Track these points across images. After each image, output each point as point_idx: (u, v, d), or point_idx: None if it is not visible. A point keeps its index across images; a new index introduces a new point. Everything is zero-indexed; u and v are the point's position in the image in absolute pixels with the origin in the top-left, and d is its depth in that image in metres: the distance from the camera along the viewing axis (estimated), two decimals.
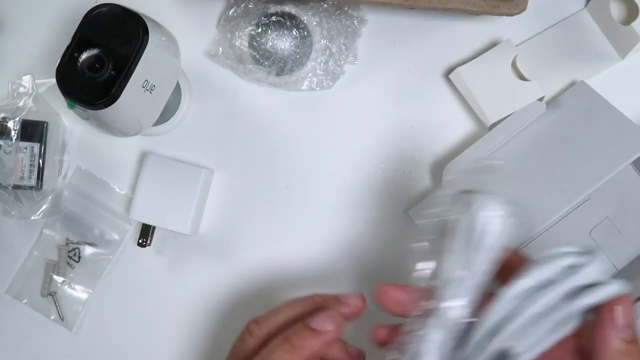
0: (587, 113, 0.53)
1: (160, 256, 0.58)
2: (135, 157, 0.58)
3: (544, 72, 0.56)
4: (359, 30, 0.57)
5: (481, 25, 0.58)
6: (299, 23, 0.56)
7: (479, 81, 0.55)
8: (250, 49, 0.56)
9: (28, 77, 0.57)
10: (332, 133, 0.58)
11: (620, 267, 0.52)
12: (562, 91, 0.56)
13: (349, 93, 0.58)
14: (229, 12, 0.57)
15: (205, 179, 0.55)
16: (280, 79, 0.57)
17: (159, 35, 0.45)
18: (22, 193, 0.56)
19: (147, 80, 0.45)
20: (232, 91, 0.58)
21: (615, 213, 0.52)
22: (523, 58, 0.56)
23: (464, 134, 0.57)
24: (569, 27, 0.57)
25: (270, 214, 0.57)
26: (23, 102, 0.56)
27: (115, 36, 0.43)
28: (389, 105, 0.58)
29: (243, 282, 0.57)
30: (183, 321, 0.57)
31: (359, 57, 0.58)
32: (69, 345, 0.57)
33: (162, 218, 0.54)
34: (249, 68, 0.56)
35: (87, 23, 0.43)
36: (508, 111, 0.54)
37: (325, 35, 0.56)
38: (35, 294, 0.57)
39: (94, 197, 0.58)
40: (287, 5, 0.56)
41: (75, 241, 0.58)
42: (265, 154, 0.58)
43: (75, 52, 0.43)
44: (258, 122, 0.58)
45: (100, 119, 0.45)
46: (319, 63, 0.57)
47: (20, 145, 0.55)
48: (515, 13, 0.51)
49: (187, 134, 0.58)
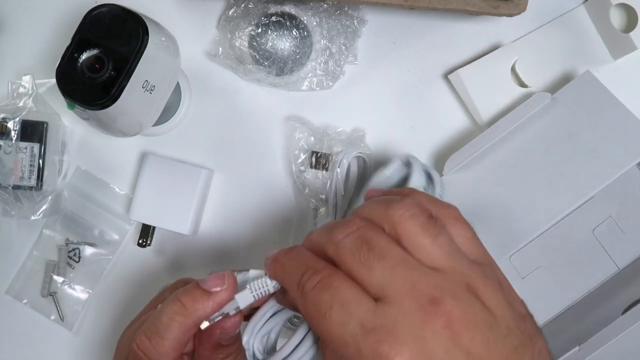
0: (592, 106, 0.52)
1: (160, 256, 0.58)
2: (135, 157, 0.58)
3: (538, 69, 0.56)
4: (359, 31, 0.57)
5: (481, 26, 0.58)
6: (299, 23, 0.56)
7: (478, 84, 0.55)
8: (250, 49, 0.56)
9: (28, 77, 0.57)
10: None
11: (623, 266, 0.52)
12: (555, 88, 0.55)
13: (349, 93, 0.58)
14: (229, 12, 0.57)
15: (205, 179, 0.55)
16: (280, 79, 0.57)
17: (159, 35, 0.45)
18: (22, 193, 0.56)
19: (147, 81, 0.45)
20: (232, 91, 0.58)
21: (618, 212, 0.52)
22: (522, 61, 0.56)
23: (464, 134, 0.57)
24: (564, 25, 0.57)
25: (270, 214, 0.57)
26: (23, 103, 0.56)
27: (115, 36, 0.43)
28: (389, 105, 0.58)
29: None
30: None
31: (359, 57, 0.58)
32: (69, 345, 0.57)
33: (162, 218, 0.54)
34: (249, 68, 0.56)
35: (87, 23, 0.43)
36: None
37: (325, 35, 0.56)
38: (35, 294, 0.57)
39: (94, 197, 0.58)
40: (287, 6, 0.56)
41: (75, 241, 0.58)
42: (265, 154, 0.58)
43: (75, 53, 0.43)
44: (258, 122, 0.58)
45: (100, 119, 0.45)
46: (319, 63, 0.57)
47: (20, 146, 0.55)
48: (515, 14, 0.51)
49: (187, 134, 0.58)
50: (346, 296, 0.30)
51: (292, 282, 0.32)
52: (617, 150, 0.50)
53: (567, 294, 0.52)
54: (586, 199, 0.49)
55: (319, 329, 0.30)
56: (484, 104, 0.55)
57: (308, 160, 0.55)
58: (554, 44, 0.57)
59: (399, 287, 0.30)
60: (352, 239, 0.31)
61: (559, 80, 0.57)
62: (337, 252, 0.32)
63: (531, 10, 0.51)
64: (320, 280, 0.31)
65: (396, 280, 0.30)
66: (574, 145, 0.51)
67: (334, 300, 0.30)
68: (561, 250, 0.52)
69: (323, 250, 0.33)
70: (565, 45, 0.57)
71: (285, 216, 0.57)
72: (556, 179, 0.50)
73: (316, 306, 0.30)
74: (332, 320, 0.30)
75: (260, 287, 0.35)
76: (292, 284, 0.32)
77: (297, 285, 0.32)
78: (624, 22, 0.57)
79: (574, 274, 0.52)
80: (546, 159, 0.51)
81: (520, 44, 0.57)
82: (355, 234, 0.32)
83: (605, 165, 0.49)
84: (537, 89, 0.56)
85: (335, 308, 0.30)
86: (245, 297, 0.35)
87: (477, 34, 0.58)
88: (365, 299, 0.30)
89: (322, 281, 0.31)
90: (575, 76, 0.55)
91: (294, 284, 0.32)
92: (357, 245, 0.31)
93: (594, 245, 0.52)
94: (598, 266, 0.52)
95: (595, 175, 0.49)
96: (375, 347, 0.28)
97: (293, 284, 0.32)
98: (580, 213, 0.51)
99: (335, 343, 0.30)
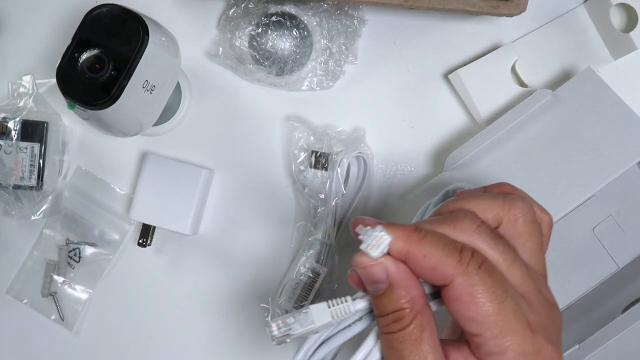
0: (593, 103, 0.51)
1: (160, 256, 0.58)
2: (135, 157, 0.58)
3: (538, 69, 0.56)
4: (359, 30, 0.57)
5: (481, 26, 0.58)
6: (299, 23, 0.56)
7: (478, 84, 0.55)
8: (250, 49, 0.56)
9: (28, 77, 0.57)
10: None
11: (623, 265, 0.52)
12: (555, 87, 0.55)
13: (349, 93, 0.58)
14: (229, 12, 0.57)
15: (205, 179, 0.55)
16: (281, 79, 0.57)
17: (159, 35, 0.45)
18: (22, 193, 0.56)
19: (147, 81, 0.45)
20: (232, 91, 0.58)
21: (618, 211, 0.52)
22: (522, 61, 0.56)
23: (464, 134, 0.57)
24: (564, 25, 0.57)
25: (270, 214, 0.57)
26: (23, 102, 0.56)
27: (116, 36, 0.43)
28: (389, 104, 0.58)
29: (243, 281, 0.57)
30: (183, 321, 0.57)
31: (359, 57, 0.58)
32: (69, 345, 0.57)
33: (162, 218, 0.54)
34: (249, 68, 0.56)
35: (87, 23, 0.43)
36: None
37: (325, 35, 0.56)
38: (35, 294, 0.57)
39: (94, 197, 0.58)
40: (287, 6, 0.56)
41: (75, 241, 0.58)
42: (265, 153, 0.58)
43: (76, 53, 0.43)
44: (258, 122, 0.58)
45: (100, 119, 0.45)
46: (319, 63, 0.57)
47: (20, 146, 0.55)
48: (515, 14, 0.51)
49: (187, 134, 0.58)
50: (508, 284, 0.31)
51: (450, 260, 0.30)
52: (618, 149, 0.49)
53: (566, 292, 0.52)
54: (586, 197, 0.49)
55: (486, 312, 0.29)
56: (484, 103, 0.55)
57: (308, 159, 0.55)
58: (554, 44, 0.57)
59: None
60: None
61: (559, 79, 0.57)
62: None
63: (531, 10, 0.51)
64: (484, 261, 0.30)
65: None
66: (575, 143, 0.51)
67: (506, 285, 0.30)
68: (561, 248, 0.52)
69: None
70: (565, 45, 0.57)
71: (285, 216, 0.57)
72: (556, 177, 0.50)
73: (491, 288, 0.30)
74: (507, 307, 0.29)
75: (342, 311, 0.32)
76: (450, 261, 0.30)
77: (459, 262, 0.30)
78: (624, 22, 0.57)
79: (574, 273, 0.52)
80: (547, 157, 0.51)
81: (520, 44, 0.57)
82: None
83: (605, 164, 0.49)
84: (537, 89, 0.56)
85: (510, 293, 0.30)
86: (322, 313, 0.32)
87: (477, 34, 0.58)
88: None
89: (486, 262, 0.30)
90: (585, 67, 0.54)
91: (454, 261, 0.30)
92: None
93: (594, 244, 0.52)
94: (598, 265, 0.52)
95: (595, 174, 0.49)
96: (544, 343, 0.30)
97: (453, 261, 0.30)
98: (581, 212, 0.51)
99: (502, 329, 0.29)
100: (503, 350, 0.29)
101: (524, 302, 0.30)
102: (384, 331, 0.31)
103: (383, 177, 0.57)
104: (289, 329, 0.31)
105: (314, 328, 0.31)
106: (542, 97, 0.52)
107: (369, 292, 0.32)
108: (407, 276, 0.31)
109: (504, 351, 0.29)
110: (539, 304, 0.31)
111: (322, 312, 0.31)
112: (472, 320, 0.30)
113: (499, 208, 0.33)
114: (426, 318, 0.31)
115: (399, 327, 0.30)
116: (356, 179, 0.56)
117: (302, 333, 0.31)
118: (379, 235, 0.30)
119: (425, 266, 0.30)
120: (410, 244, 0.31)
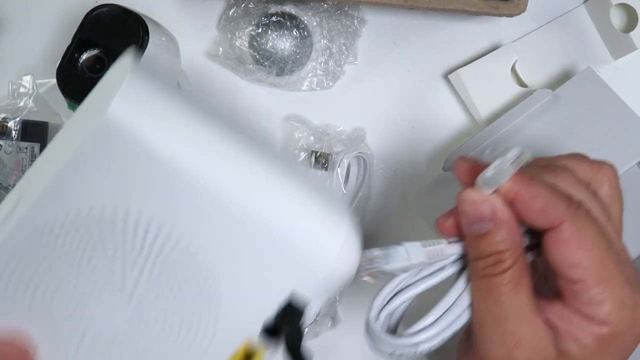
0: (593, 103, 0.51)
1: None
2: None
3: (538, 69, 0.56)
4: (359, 31, 0.57)
5: (481, 26, 0.58)
6: (299, 23, 0.56)
7: (478, 84, 0.55)
8: (250, 49, 0.56)
9: (28, 77, 0.57)
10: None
11: None
12: (555, 87, 0.55)
13: (349, 93, 0.58)
14: (229, 12, 0.57)
15: None
16: (281, 79, 0.57)
17: (159, 35, 0.45)
18: None
19: None
20: (232, 91, 0.58)
21: None
22: (522, 61, 0.56)
23: (464, 134, 0.57)
24: (564, 25, 0.58)
25: None
26: (23, 103, 0.56)
27: (116, 36, 0.43)
28: (389, 105, 0.58)
29: None
30: None
31: (359, 57, 0.58)
32: None
33: None
34: (249, 68, 0.56)
35: (87, 23, 0.44)
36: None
37: (325, 35, 0.56)
38: None
39: None
40: (287, 6, 0.56)
41: None
42: None
43: (76, 53, 0.43)
44: (258, 122, 0.58)
45: None
46: (319, 63, 0.57)
47: (20, 146, 0.55)
48: (515, 14, 0.51)
49: None
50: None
51: (560, 202, 0.30)
52: (618, 149, 0.49)
53: None
54: None
55: (594, 257, 0.29)
56: (484, 104, 0.55)
57: (308, 159, 0.55)
58: (554, 44, 0.57)
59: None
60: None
61: (559, 80, 0.57)
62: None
63: (531, 10, 0.51)
64: (590, 209, 0.30)
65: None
66: (575, 143, 0.50)
67: (610, 236, 0.30)
68: None
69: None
70: (565, 45, 0.57)
71: None
72: None
73: (599, 235, 0.29)
74: (611, 257, 0.29)
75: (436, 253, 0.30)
76: (561, 204, 0.30)
77: (569, 205, 0.30)
78: (624, 22, 0.57)
79: None
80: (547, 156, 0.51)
81: (520, 44, 0.57)
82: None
83: None
84: (537, 89, 0.56)
85: (612, 244, 0.30)
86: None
87: (477, 34, 0.58)
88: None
89: (592, 211, 0.31)
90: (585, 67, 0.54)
91: (565, 204, 0.30)
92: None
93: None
94: None
95: None
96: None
97: (563, 203, 0.30)
98: None
99: (606, 277, 0.29)
100: (603, 299, 0.29)
101: (622, 257, 0.30)
102: (483, 274, 0.30)
103: (383, 177, 0.57)
104: (384, 261, 0.30)
105: (408, 265, 0.30)
106: (542, 97, 0.52)
107: (467, 233, 0.31)
108: (512, 218, 0.30)
109: (604, 300, 0.29)
110: (630, 263, 0.31)
111: (417, 250, 0.30)
112: (576, 265, 0.29)
113: (588, 169, 0.33)
114: (525, 265, 0.30)
115: (499, 269, 0.29)
116: (356, 179, 0.56)
117: (394, 269, 0.30)
118: (504, 167, 0.29)
119: (534, 208, 0.30)
120: (521, 184, 0.30)
